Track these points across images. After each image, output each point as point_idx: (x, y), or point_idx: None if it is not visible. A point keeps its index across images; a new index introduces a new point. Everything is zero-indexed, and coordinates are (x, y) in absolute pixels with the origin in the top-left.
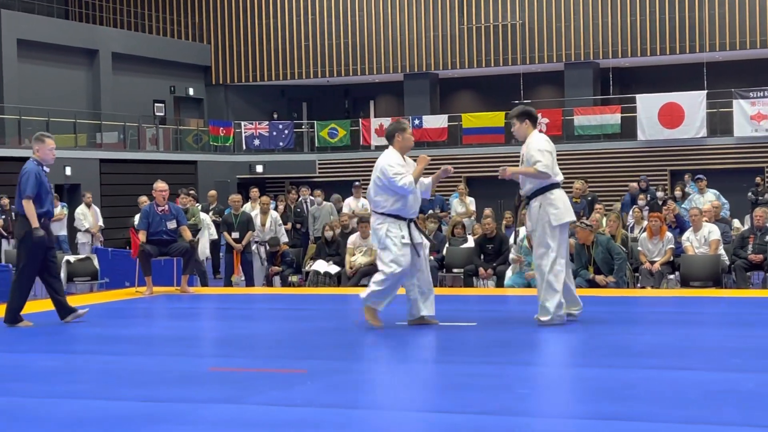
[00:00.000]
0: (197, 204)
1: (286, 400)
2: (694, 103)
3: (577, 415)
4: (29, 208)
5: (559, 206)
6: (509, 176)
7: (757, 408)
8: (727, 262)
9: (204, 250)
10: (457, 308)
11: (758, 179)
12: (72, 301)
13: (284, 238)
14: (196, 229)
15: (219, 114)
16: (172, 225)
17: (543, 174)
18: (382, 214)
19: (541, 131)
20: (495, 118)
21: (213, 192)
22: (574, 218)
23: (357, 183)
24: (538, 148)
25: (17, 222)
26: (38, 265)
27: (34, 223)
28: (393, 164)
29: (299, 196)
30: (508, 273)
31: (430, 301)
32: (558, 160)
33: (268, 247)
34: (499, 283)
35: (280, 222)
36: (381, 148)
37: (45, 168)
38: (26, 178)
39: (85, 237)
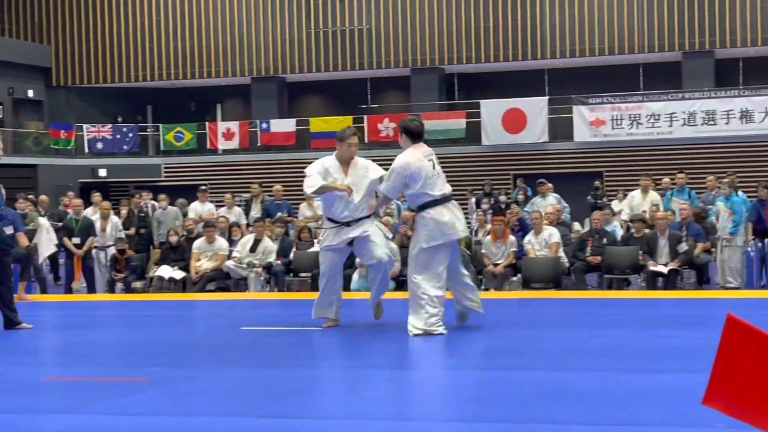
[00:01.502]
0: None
1: (126, 408)
2: (536, 108)
3: (419, 417)
4: None
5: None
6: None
7: (595, 406)
8: (567, 264)
9: (46, 249)
10: (304, 312)
11: (597, 183)
12: None
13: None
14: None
15: (60, 116)
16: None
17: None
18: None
19: (418, 147)
20: (343, 123)
21: (44, 197)
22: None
23: (203, 187)
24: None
25: None
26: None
27: None
28: (310, 168)
29: (142, 201)
30: (355, 276)
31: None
32: None
33: (114, 250)
34: (346, 287)
35: (121, 227)
36: (228, 152)
37: None
38: None
39: None
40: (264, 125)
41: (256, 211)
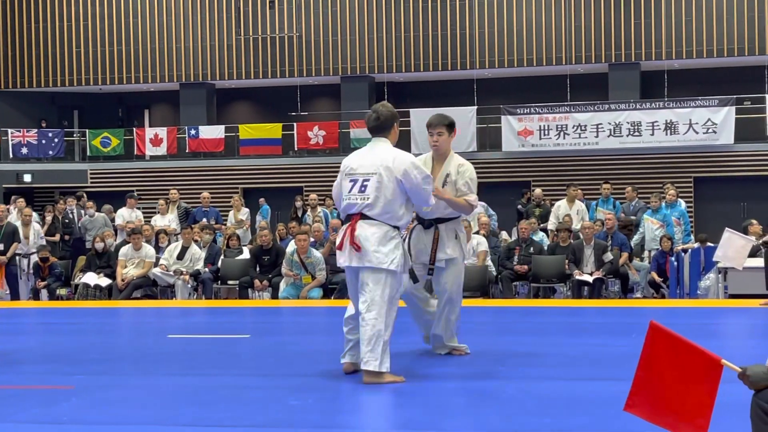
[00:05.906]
0: None
1: (51, 417)
2: (465, 118)
3: (345, 425)
4: None
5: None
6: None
7: (517, 413)
8: (494, 273)
9: None
10: (232, 320)
11: (525, 192)
12: None
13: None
14: None
15: None
16: None
17: (470, 208)
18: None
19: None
20: (272, 130)
21: None
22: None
23: (133, 193)
24: (472, 177)
25: None
26: None
27: None
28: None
29: (66, 206)
30: (282, 285)
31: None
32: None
33: (37, 258)
34: (274, 295)
35: (42, 234)
36: (156, 158)
37: None
38: None
39: None
40: (192, 131)
41: (172, 218)
